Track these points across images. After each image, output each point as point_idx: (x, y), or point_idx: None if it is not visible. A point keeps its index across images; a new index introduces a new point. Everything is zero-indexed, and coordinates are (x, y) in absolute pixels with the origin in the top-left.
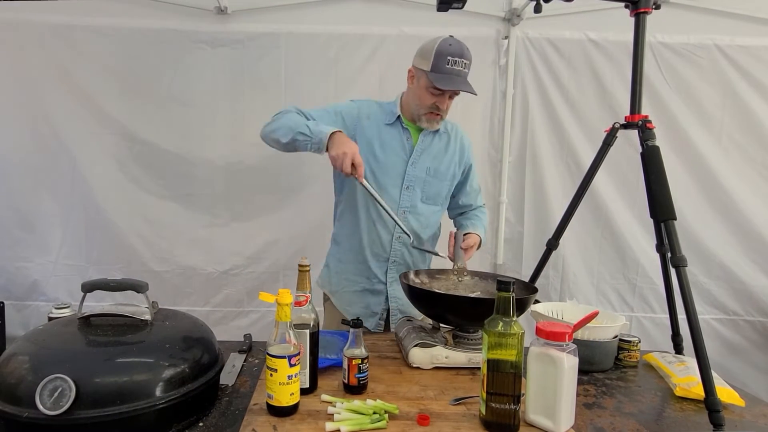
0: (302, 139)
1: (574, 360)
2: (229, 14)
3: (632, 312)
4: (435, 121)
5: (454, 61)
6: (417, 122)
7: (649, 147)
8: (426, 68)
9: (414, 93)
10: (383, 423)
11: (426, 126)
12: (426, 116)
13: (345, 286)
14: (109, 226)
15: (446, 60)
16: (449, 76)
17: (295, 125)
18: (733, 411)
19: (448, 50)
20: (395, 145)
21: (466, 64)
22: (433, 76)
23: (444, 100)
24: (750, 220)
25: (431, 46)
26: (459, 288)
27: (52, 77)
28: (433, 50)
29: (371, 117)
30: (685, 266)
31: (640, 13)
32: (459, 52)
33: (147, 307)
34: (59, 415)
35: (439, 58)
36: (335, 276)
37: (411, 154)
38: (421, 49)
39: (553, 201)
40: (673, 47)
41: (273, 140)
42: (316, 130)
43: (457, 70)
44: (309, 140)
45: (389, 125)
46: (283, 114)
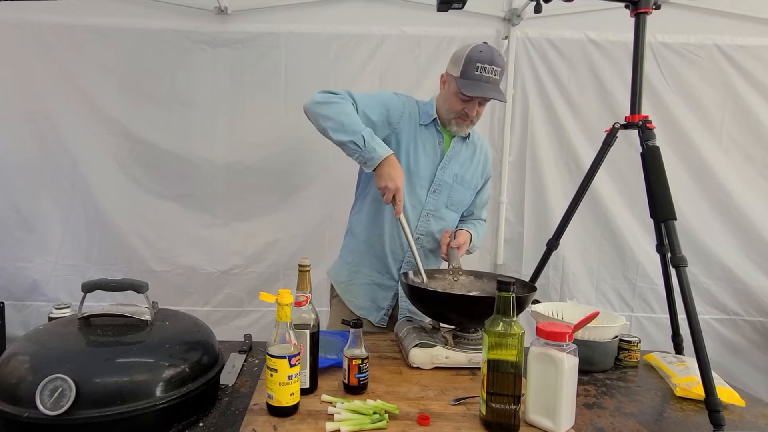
0: (353, 148)
1: (575, 360)
2: (229, 14)
3: (632, 312)
4: (465, 125)
5: (484, 68)
6: (447, 126)
7: (649, 147)
8: (456, 74)
9: (444, 98)
10: (383, 423)
11: (455, 130)
12: (456, 120)
13: (354, 278)
14: (109, 226)
15: (475, 66)
16: (477, 82)
17: (350, 127)
18: (734, 411)
19: (478, 57)
20: (428, 147)
21: (497, 71)
22: (461, 82)
23: (473, 107)
24: (750, 219)
25: (462, 52)
26: (455, 287)
27: (53, 77)
28: (463, 56)
29: (412, 115)
30: (685, 266)
31: (640, 13)
32: (489, 59)
33: (147, 308)
34: (59, 416)
35: (468, 64)
36: (347, 267)
37: (441, 159)
38: (454, 55)
39: (553, 201)
40: (673, 47)
41: (320, 126)
42: (370, 146)
43: (486, 77)
44: (359, 153)
45: (424, 126)
46: (339, 102)
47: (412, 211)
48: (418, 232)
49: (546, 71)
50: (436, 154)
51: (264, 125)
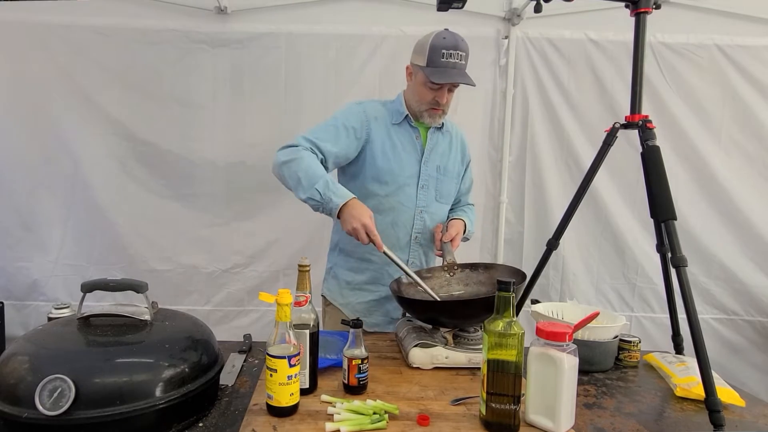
0: (313, 203)
1: (575, 360)
2: (229, 14)
3: (632, 312)
4: (437, 115)
5: (449, 54)
6: (420, 119)
7: (649, 147)
8: (422, 63)
9: (413, 90)
10: (383, 423)
11: (428, 122)
12: (427, 112)
13: (360, 297)
14: (109, 226)
15: (440, 53)
16: (444, 69)
17: (306, 182)
18: (734, 411)
19: (442, 43)
20: (407, 145)
21: (462, 56)
22: (428, 70)
23: (443, 95)
24: (750, 219)
25: (425, 41)
26: (452, 283)
27: (53, 77)
28: (427, 45)
29: (378, 118)
30: (685, 266)
31: (640, 13)
32: (453, 44)
33: (147, 308)
34: (59, 416)
35: (433, 52)
36: (347, 287)
37: (422, 153)
38: (417, 45)
39: (553, 201)
40: (673, 47)
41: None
42: (326, 197)
43: (452, 62)
44: (320, 206)
45: (397, 125)
46: (295, 158)
47: (406, 212)
48: (415, 231)
49: (546, 71)
50: (416, 150)
51: (264, 125)
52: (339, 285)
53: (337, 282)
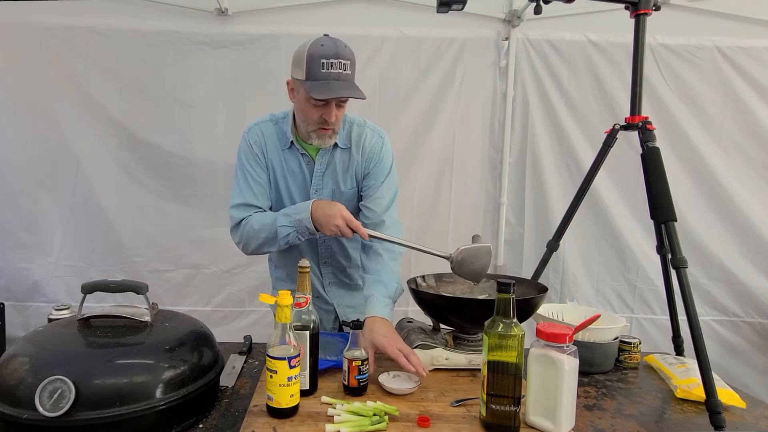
0: (293, 238)
1: (575, 361)
2: (229, 16)
3: (632, 313)
4: (326, 136)
5: (330, 64)
6: (308, 141)
7: (649, 148)
8: (302, 77)
9: (298, 108)
10: (383, 425)
11: (318, 143)
12: (316, 133)
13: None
14: (110, 227)
15: (320, 64)
16: (327, 82)
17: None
18: (734, 413)
19: (320, 52)
20: (296, 172)
21: (345, 65)
22: (308, 85)
23: (330, 112)
24: (750, 221)
25: (302, 50)
26: (475, 292)
27: (54, 79)
28: (304, 55)
29: (268, 143)
30: (685, 267)
31: (640, 15)
32: (334, 53)
33: (147, 309)
34: (59, 417)
35: (311, 63)
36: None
37: (312, 181)
38: (295, 56)
39: (553, 202)
40: (673, 48)
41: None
42: (296, 221)
43: (335, 73)
44: (297, 234)
45: (288, 149)
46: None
47: (309, 243)
48: (322, 257)
49: (546, 72)
50: (305, 179)
51: None
52: None
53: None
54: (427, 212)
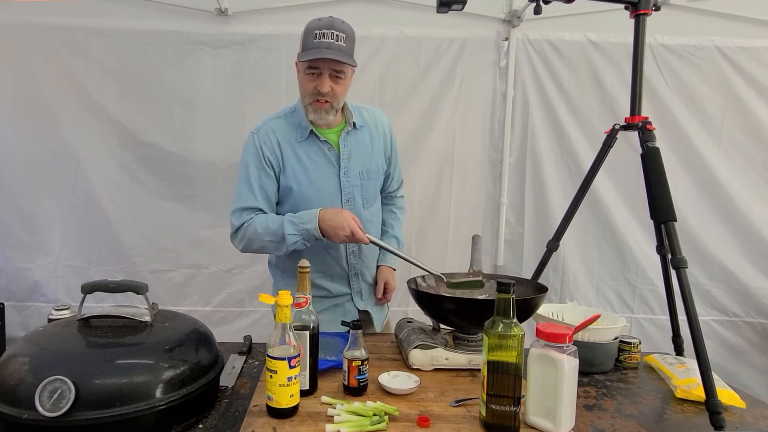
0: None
1: (575, 361)
2: (229, 16)
3: (632, 313)
4: (323, 110)
5: (322, 34)
6: (307, 116)
7: (649, 148)
8: (300, 51)
9: (299, 86)
10: (383, 425)
11: (315, 118)
12: (311, 106)
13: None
14: (111, 227)
15: (313, 34)
16: (317, 49)
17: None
18: (734, 413)
19: (315, 25)
20: (320, 161)
21: (337, 36)
22: (302, 55)
23: (323, 82)
24: (750, 221)
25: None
26: (475, 292)
27: (54, 79)
28: (302, 32)
29: (282, 140)
30: (685, 267)
31: (639, 15)
32: (327, 25)
33: (147, 309)
34: (59, 417)
35: (307, 35)
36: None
37: (339, 165)
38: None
39: (553, 202)
40: (673, 49)
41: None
42: (302, 229)
43: (326, 42)
44: (303, 241)
45: (305, 141)
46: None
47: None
48: (350, 247)
49: (546, 73)
50: (331, 164)
51: None
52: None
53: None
54: (427, 212)
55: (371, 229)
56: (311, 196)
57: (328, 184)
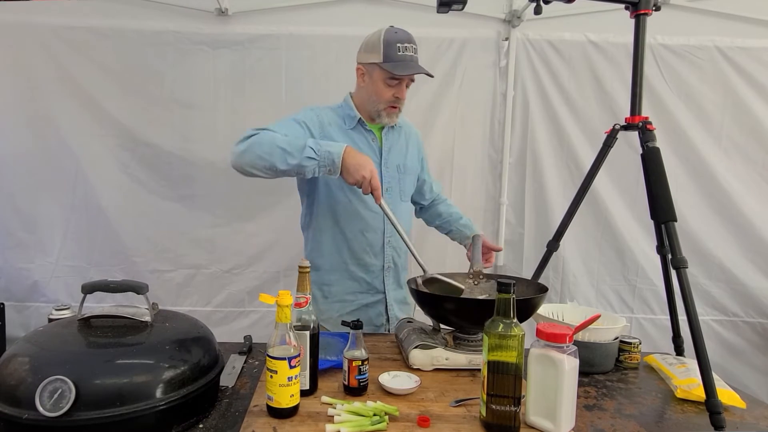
0: (309, 164)
1: (575, 362)
2: (229, 16)
3: (632, 313)
4: (394, 114)
5: (405, 47)
6: (376, 119)
7: (649, 148)
8: (378, 60)
9: (369, 90)
10: (383, 425)
11: (386, 121)
12: (385, 111)
13: (339, 309)
14: (110, 227)
15: (396, 47)
16: (404, 62)
17: (293, 147)
18: (734, 413)
19: (396, 37)
20: (365, 150)
21: (415, 49)
22: (388, 65)
23: (402, 89)
24: (750, 221)
25: (377, 38)
26: (475, 292)
27: (54, 79)
28: (380, 41)
29: (332, 124)
30: (685, 267)
31: (640, 15)
32: (406, 38)
33: (147, 309)
34: (59, 417)
35: (388, 47)
36: (324, 302)
37: (381, 156)
38: (366, 44)
39: (553, 202)
40: (673, 49)
41: (263, 168)
42: (323, 152)
43: (408, 55)
44: (317, 165)
45: (352, 130)
46: (264, 136)
47: (375, 217)
48: (387, 234)
49: (546, 73)
50: (375, 153)
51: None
52: (317, 302)
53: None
54: None
55: (404, 223)
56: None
57: None
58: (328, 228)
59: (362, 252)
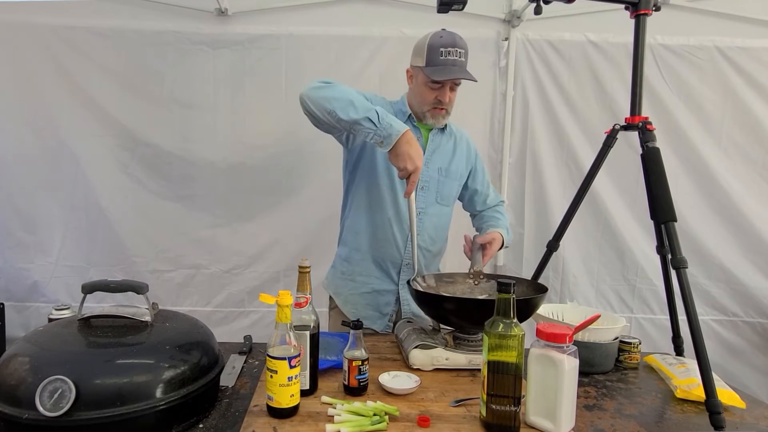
0: (367, 126)
1: (575, 362)
2: (229, 16)
3: (632, 313)
4: (440, 116)
5: (448, 51)
6: (423, 120)
7: (649, 149)
8: (421, 64)
9: (415, 92)
10: (383, 425)
11: (432, 122)
12: (430, 112)
13: (353, 288)
14: (110, 227)
15: (439, 52)
16: (444, 66)
17: (361, 104)
18: (734, 413)
19: (440, 42)
20: None
21: (461, 53)
22: (428, 70)
23: (445, 93)
24: (750, 221)
25: (423, 41)
26: (475, 292)
27: (54, 79)
28: (425, 45)
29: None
30: (685, 268)
31: (640, 15)
32: (451, 42)
33: (147, 309)
34: (59, 417)
35: (432, 51)
36: (340, 277)
37: (423, 154)
38: (415, 47)
39: (553, 202)
40: (673, 49)
41: (325, 108)
42: (385, 122)
43: (452, 59)
44: (374, 131)
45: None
46: (341, 84)
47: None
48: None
49: (546, 73)
50: None
51: (265, 126)
52: (335, 275)
53: (335, 272)
54: None
55: (437, 227)
56: (391, 170)
57: None
58: (362, 210)
59: (385, 241)
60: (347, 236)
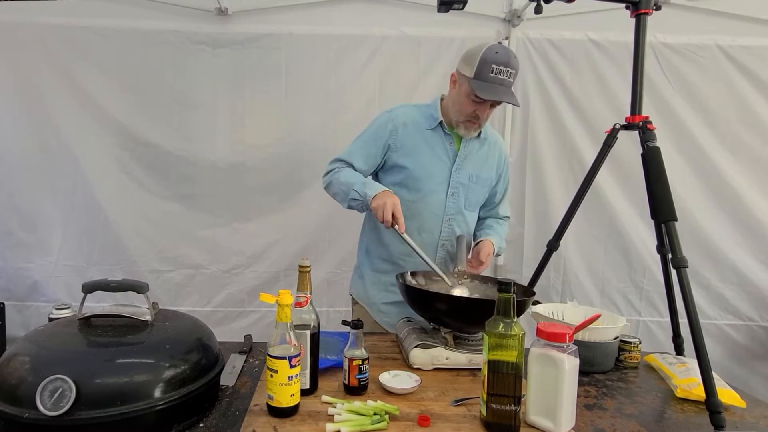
0: (357, 205)
1: (575, 361)
2: (229, 15)
3: (640, 316)
4: (473, 129)
5: (499, 70)
6: (455, 128)
7: (649, 148)
8: (469, 74)
9: (455, 99)
10: (384, 424)
11: (463, 133)
12: (464, 124)
13: (384, 297)
14: (110, 227)
15: (490, 68)
16: (492, 85)
17: (347, 190)
18: (734, 412)
19: (494, 58)
20: (439, 151)
21: (511, 74)
22: (475, 83)
23: (485, 109)
24: (760, 221)
25: (477, 52)
26: (455, 291)
27: (54, 79)
28: (478, 56)
29: (408, 124)
30: (685, 267)
31: (640, 14)
32: (505, 61)
33: (147, 308)
34: (59, 416)
35: (483, 65)
36: (372, 287)
37: (455, 160)
38: (467, 54)
39: (554, 202)
40: (674, 48)
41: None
42: (362, 192)
43: (501, 79)
44: (362, 203)
45: (431, 130)
46: (335, 176)
47: (434, 219)
48: (442, 238)
49: (547, 72)
50: (448, 157)
51: (265, 126)
52: (364, 284)
53: (363, 281)
54: None
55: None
56: (422, 177)
57: (439, 172)
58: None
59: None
60: (374, 248)
